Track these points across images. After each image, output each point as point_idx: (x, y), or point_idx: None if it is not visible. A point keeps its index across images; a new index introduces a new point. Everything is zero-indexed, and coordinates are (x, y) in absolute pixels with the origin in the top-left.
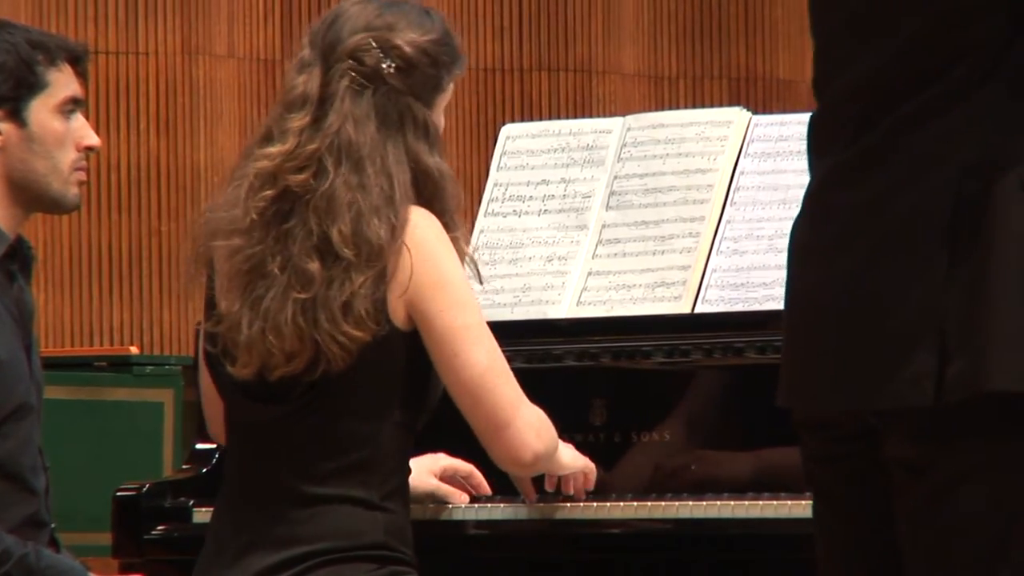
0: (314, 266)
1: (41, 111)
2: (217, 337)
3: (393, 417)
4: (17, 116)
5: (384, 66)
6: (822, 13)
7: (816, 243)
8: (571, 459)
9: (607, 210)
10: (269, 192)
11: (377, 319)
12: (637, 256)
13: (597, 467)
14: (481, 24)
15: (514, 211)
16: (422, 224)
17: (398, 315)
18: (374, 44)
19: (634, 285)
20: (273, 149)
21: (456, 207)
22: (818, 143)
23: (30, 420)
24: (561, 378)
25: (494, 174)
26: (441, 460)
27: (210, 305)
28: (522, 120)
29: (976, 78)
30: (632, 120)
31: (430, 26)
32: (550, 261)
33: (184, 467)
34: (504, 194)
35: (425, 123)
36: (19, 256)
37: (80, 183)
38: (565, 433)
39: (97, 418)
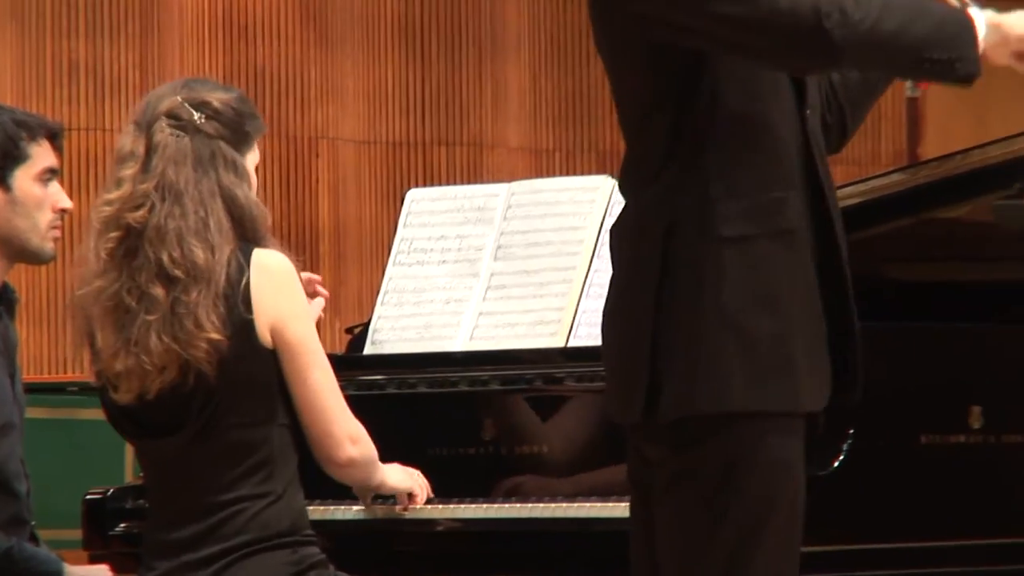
0: (159, 291)
1: (23, 179)
2: (100, 372)
3: (277, 420)
4: (3, 183)
5: (196, 116)
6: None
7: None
8: (398, 480)
9: (495, 261)
10: (115, 234)
11: (221, 322)
12: (520, 299)
13: (487, 474)
14: (390, 106)
15: (418, 262)
16: (281, 267)
17: (265, 338)
18: (186, 103)
19: (518, 323)
20: (112, 195)
21: (265, 227)
22: None
23: (14, 436)
24: (457, 401)
25: (401, 231)
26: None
27: (93, 344)
28: (424, 186)
29: (661, 161)
30: (516, 186)
31: (230, 91)
32: (448, 303)
33: (140, 474)
34: (409, 247)
35: (235, 162)
36: (4, 299)
37: (55, 239)
38: (459, 447)
39: (69, 434)
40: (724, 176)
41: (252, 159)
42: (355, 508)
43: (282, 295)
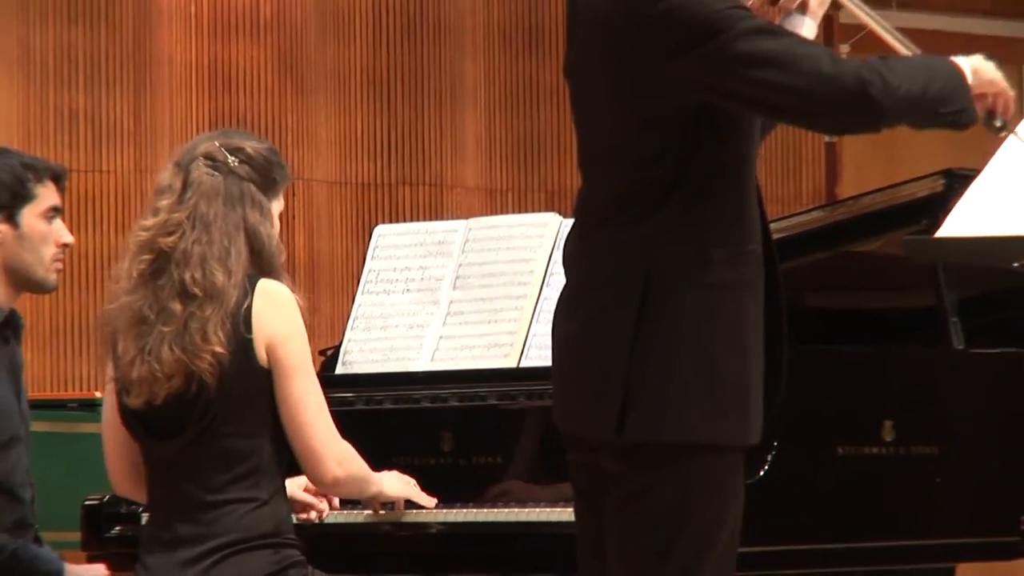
0: (177, 306)
1: (30, 216)
2: (118, 379)
3: (269, 435)
4: (12, 220)
5: (231, 159)
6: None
7: (561, 308)
8: (396, 490)
9: (454, 290)
10: (147, 256)
11: (227, 338)
12: (476, 324)
13: (446, 482)
14: (359, 150)
15: (384, 291)
16: (283, 296)
17: (261, 356)
18: (223, 148)
19: (474, 346)
20: (148, 222)
21: (280, 261)
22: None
23: (20, 447)
24: (419, 416)
25: (369, 263)
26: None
27: (115, 352)
28: (390, 222)
29: (651, 208)
30: (473, 222)
31: (263, 142)
32: (411, 328)
33: None
34: (377, 278)
35: (261, 203)
36: (12, 324)
37: (58, 271)
38: (421, 457)
39: (69, 446)
40: (714, 228)
41: (277, 206)
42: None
43: (279, 319)
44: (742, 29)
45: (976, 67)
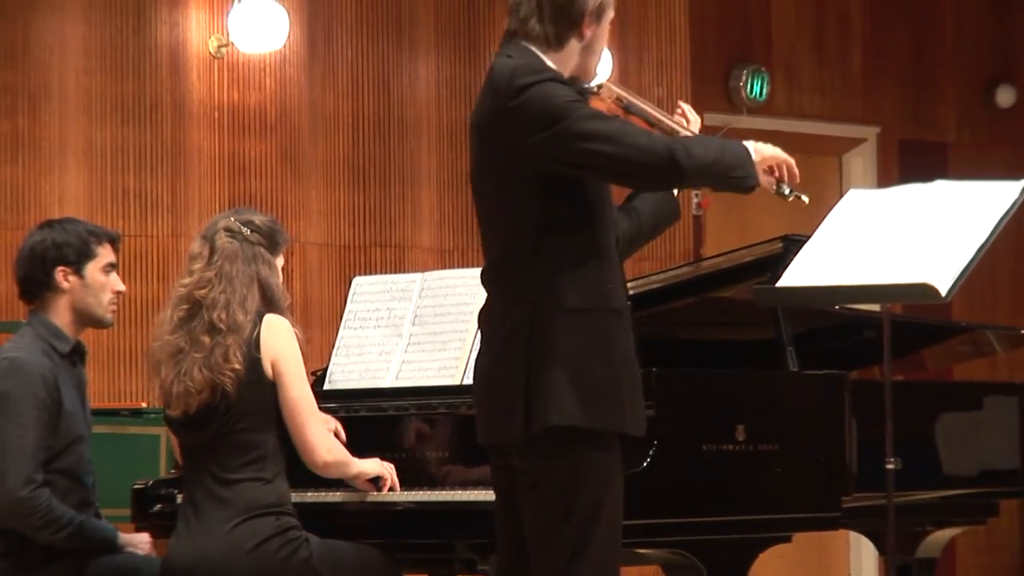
0: (206, 339)
1: (92, 270)
2: (162, 396)
3: (273, 431)
4: (79, 272)
5: (244, 230)
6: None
7: (479, 351)
8: (373, 468)
9: (413, 326)
10: (185, 306)
11: (242, 358)
12: (430, 352)
13: (406, 472)
14: (342, 220)
15: (360, 326)
16: (283, 326)
17: (267, 371)
18: (237, 222)
19: (428, 368)
20: (185, 281)
21: (286, 303)
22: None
23: (83, 445)
24: (386, 422)
25: (349, 306)
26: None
27: (159, 376)
28: (365, 275)
29: (526, 260)
30: (427, 275)
31: (266, 216)
32: (380, 355)
33: (171, 472)
34: (355, 317)
35: (269, 261)
36: (79, 351)
37: (113, 311)
38: (386, 452)
39: (121, 443)
40: (580, 265)
41: (279, 261)
42: (310, 495)
43: (280, 343)
44: (579, 115)
45: (757, 147)
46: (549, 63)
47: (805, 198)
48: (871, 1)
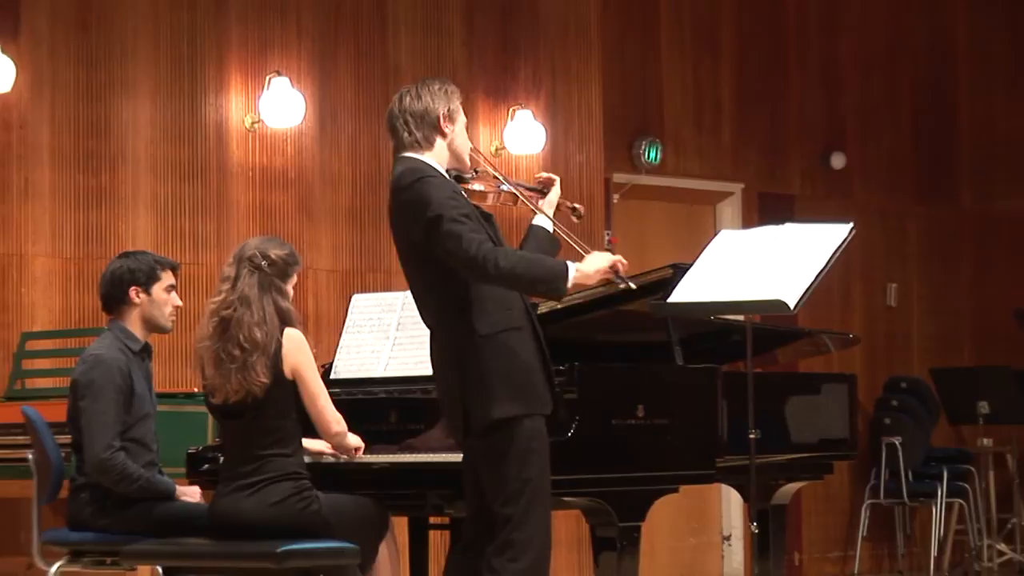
0: (237, 352)
1: (158, 290)
2: (206, 387)
3: (292, 417)
4: (147, 291)
5: (263, 263)
6: None
7: (433, 371)
8: (356, 440)
9: (397, 331)
10: (215, 319)
11: (267, 371)
12: (412, 351)
13: (392, 439)
14: (344, 251)
15: (357, 332)
16: (299, 338)
17: (288, 374)
18: (258, 253)
19: (409, 362)
20: (216, 299)
21: (296, 318)
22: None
23: (150, 420)
24: (378, 403)
25: (349, 317)
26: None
27: (204, 374)
28: (362, 292)
29: (457, 310)
30: (408, 293)
31: (285, 247)
32: (372, 353)
33: (216, 440)
34: (353, 325)
35: (281, 288)
36: (147, 350)
37: (172, 321)
38: (377, 424)
39: (179, 419)
40: (486, 307)
41: (291, 283)
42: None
43: (298, 354)
44: (448, 216)
45: (579, 267)
46: (428, 162)
47: (633, 284)
48: (737, 89)
